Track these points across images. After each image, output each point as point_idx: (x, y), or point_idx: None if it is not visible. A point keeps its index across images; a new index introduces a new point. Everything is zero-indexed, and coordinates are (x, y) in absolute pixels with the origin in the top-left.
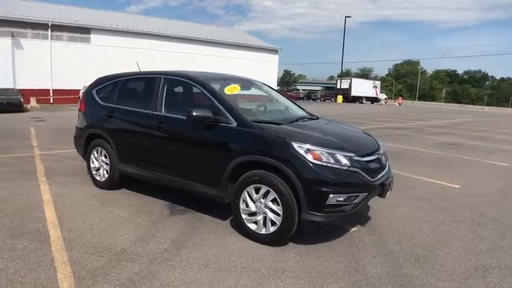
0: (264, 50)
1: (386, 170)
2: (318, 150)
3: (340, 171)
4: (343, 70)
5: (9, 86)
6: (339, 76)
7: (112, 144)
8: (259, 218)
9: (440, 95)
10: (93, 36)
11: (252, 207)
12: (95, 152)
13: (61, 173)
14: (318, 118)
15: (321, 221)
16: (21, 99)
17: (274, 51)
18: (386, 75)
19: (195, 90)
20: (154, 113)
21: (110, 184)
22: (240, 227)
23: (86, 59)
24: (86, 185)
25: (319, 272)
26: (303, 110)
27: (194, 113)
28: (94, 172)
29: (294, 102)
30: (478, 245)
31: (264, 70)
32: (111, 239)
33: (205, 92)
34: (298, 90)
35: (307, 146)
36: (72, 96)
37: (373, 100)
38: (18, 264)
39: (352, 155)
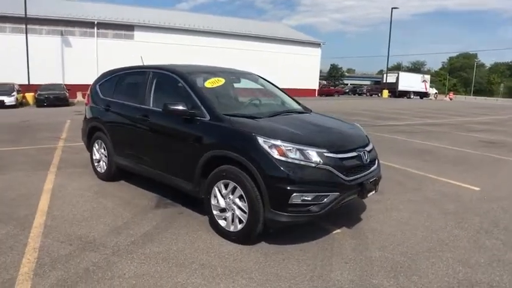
0: (307, 43)
1: (371, 168)
2: (285, 145)
3: (308, 169)
4: (394, 64)
5: (59, 81)
6: (389, 69)
7: (108, 136)
8: (228, 214)
9: (499, 89)
10: (136, 33)
11: (222, 203)
12: (96, 145)
13: (73, 165)
14: (309, 112)
15: (286, 221)
16: (67, 94)
17: (316, 44)
18: (440, 69)
19: (179, 84)
20: (142, 106)
21: (108, 176)
22: (212, 224)
23: (129, 55)
24: (88, 176)
25: (277, 275)
26: (298, 103)
27: (169, 107)
28: (96, 164)
29: (290, 96)
30: (475, 256)
31: (306, 64)
32: (87, 228)
33: (185, 86)
34: (346, 84)
35: (273, 141)
36: None
37: (422, 95)
38: None
39: (324, 151)
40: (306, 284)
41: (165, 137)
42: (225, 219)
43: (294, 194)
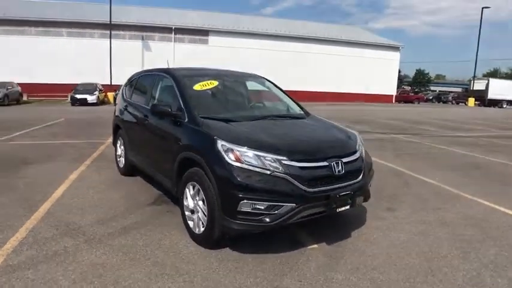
0: (384, 47)
1: (348, 181)
2: (240, 150)
3: (262, 176)
4: (490, 70)
5: None
6: (484, 75)
7: (124, 134)
8: (195, 216)
9: None
10: (211, 38)
11: (191, 204)
12: (118, 141)
13: (106, 159)
14: (304, 118)
15: (237, 229)
16: None
17: (395, 48)
18: None
19: (172, 86)
20: (145, 107)
21: (125, 171)
22: (185, 224)
23: (204, 59)
24: (112, 171)
25: (219, 283)
26: (301, 108)
27: (155, 108)
28: (118, 159)
29: (293, 100)
30: None
31: (383, 69)
32: (80, 217)
33: (175, 88)
34: (433, 91)
35: (229, 145)
36: None
37: None
38: None
39: (283, 158)
40: None
41: (157, 137)
42: (193, 220)
43: (243, 202)
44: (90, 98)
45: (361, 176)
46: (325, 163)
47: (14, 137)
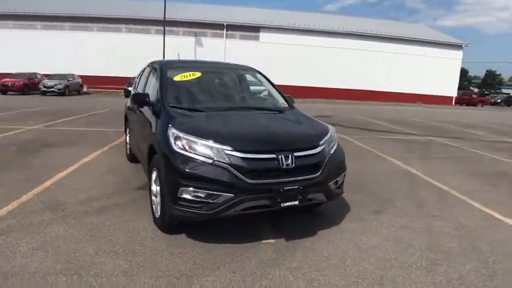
0: (444, 45)
1: (298, 176)
2: (187, 138)
3: (204, 164)
4: None
5: None
6: None
7: (129, 123)
8: (156, 201)
9: None
10: (262, 34)
11: (154, 189)
12: (127, 130)
13: (123, 146)
14: (282, 112)
15: (180, 216)
16: None
17: (457, 46)
18: None
19: (157, 76)
20: None
21: (130, 157)
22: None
23: (254, 55)
24: (122, 156)
25: (155, 265)
26: (287, 102)
27: (134, 97)
28: (126, 146)
29: (281, 94)
30: None
31: (442, 68)
32: (69, 196)
33: (159, 78)
34: (502, 93)
35: (178, 132)
36: None
37: None
38: None
39: (227, 148)
40: (165, 280)
41: (140, 125)
42: (155, 205)
43: (183, 188)
44: None
45: (319, 173)
46: (272, 155)
47: (54, 124)
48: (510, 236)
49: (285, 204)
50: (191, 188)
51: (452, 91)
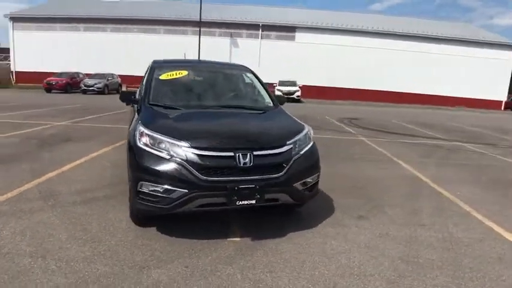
0: (493, 45)
1: (256, 175)
2: (149, 134)
3: (162, 160)
4: None
5: None
6: None
7: None
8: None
9: None
10: (298, 34)
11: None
12: None
13: None
14: (261, 110)
15: (141, 209)
16: None
17: (507, 46)
18: None
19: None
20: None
21: None
22: None
23: (289, 56)
24: None
25: (115, 253)
26: (273, 102)
27: (121, 95)
28: None
29: (269, 94)
30: None
31: (490, 70)
32: (65, 187)
33: (148, 76)
34: None
35: (144, 128)
36: (271, 90)
37: None
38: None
39: (184, 144)
40: (118, 268)
41: (129, 122)
42: None
43: (141, 182)
44: None
45: (281, 172)
46: (230, 153)
47: (82, 120)
48: (502, 252)
49: (240, 203)
50: (149, 183)
51: (501, 95)
